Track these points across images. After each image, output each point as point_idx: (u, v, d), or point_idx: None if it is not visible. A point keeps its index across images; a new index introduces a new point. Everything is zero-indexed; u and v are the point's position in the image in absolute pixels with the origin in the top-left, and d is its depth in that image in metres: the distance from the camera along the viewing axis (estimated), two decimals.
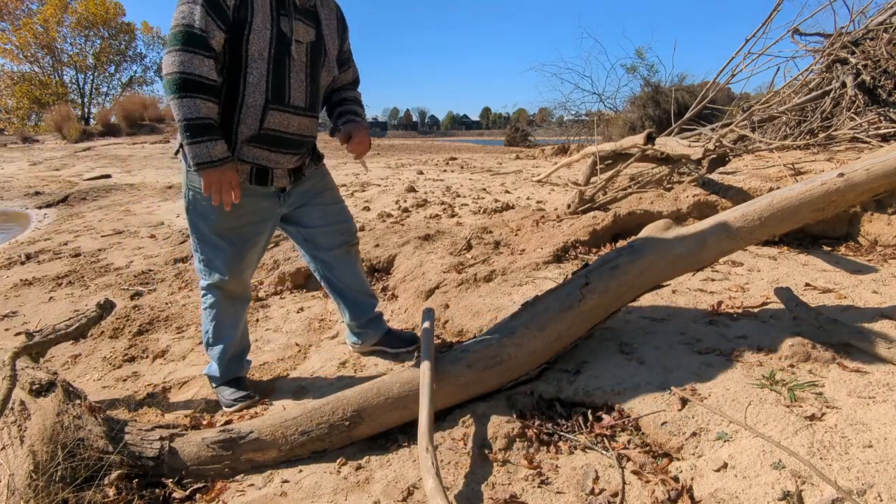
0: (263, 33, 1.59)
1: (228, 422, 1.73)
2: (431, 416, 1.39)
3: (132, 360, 2.39)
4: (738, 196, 3.25)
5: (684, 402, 1.44)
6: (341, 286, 2.08)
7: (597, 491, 1.25)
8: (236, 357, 1.96)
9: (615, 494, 1.23)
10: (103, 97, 23.52)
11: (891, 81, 4.07)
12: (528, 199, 5.20)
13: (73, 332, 2.06)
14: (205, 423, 1.76)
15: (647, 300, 2.11)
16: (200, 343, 2.45)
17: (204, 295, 1.88)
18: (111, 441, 1.41)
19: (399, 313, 2.65)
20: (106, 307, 2.24)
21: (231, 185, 1.58)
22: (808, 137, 4.31)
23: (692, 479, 1.23)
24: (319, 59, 1.76)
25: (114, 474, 1.35)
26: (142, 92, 23.39)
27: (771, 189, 3.17)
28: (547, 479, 1.31)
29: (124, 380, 2.20)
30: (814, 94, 4.55)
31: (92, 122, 20.10)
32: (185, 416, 1.83)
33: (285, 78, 1.67)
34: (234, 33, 1.56)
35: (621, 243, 3.04)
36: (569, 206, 4.05)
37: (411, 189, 5.95)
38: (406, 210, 4.84)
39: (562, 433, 1.47)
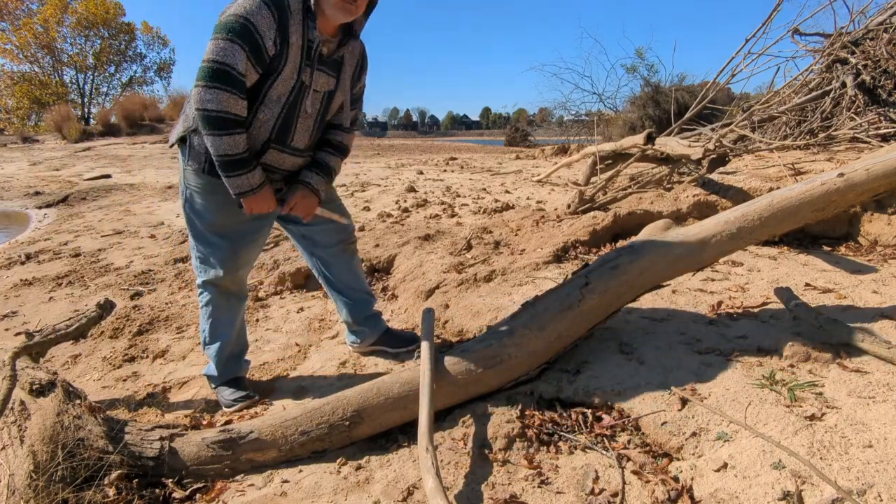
0: (289, 82, 1.61)
1: (228, 422, 1.73)
2: (431, 416, 1.39)
3: (132, 360, 2.39)
4: (738, 196, 3.25)
5: (684, 402, 1.44)
6: (339, 284, 2.09)
7: (597, 491, 1.25)
8: (234, 356, 1.96)
9: (615, 494, 1.23)
10: (103, 97, 23.54)
11: (891, 81, 4.07)
12: (528, 199, 5.20)
13: (73, 332, 2.06)
14: (205, 423, 1.76)
15: (647, 300, 2.11)
16: (200, 343, 2.45)
17: (200, 293, 1.89)
18: (111, 441, 1.41)
19: (399, 313, 2.65)
20: (106, 307, 2.24)
21: (269, 205, 1.69)
22: (808, 137, 4.31)
23: (692, 479, 1.23)
24: (331, 105, 1.78)
25: (114, 474, 1.35)
26: (142, 92, 23.40)
27: (771, 189, 3.17)
28: (547, 479, 1.31)
29: (124, 380, 2.20)
30: (814, 94, 4.55)
31: (92, 122, 20.10)
32: (185, 416, 1.83)
33: (293, 122, 1.69)
34: (262, 76, 1.58)
35: (621, 243, 3.04)
36: (569, 206, 4.05)
37: (411, 189, 5.95)
38: (406, 210, 4.84)
39: (562, 433, 1.47)
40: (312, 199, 1.80)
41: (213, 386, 1.95)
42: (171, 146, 1.76)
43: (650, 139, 4.01)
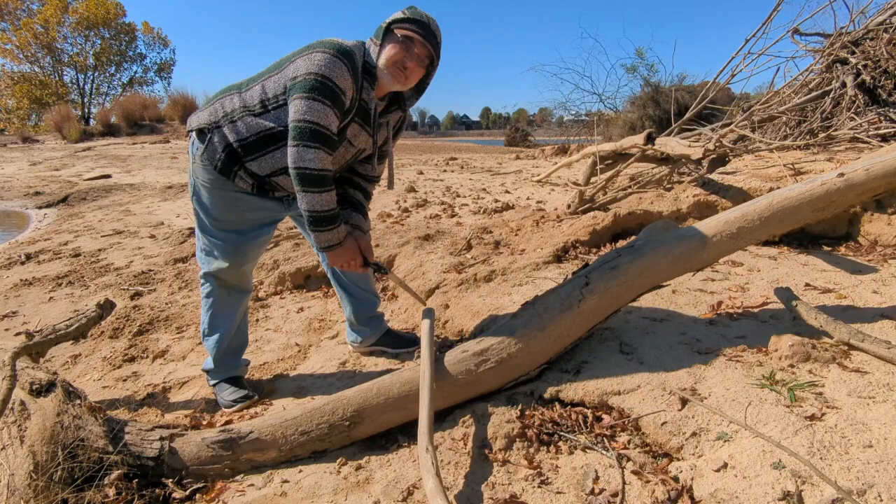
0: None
1: (228, 422, 1.72)
2: (431, 416, 1.39)
3: (132, 360, 2.40)
4: (738, 196, 3.25)
5: (684, 402, 1.44)
6: (345, 281, 2.11)
7: (597, 491, 1.25)
8: (232, 351, 1.96)
9: (615, 494, 1.23)
10: (103, 97, 23.52)
11: (891, 81, 4.07)
12: (528, 199, 5.20)
13: (73, 332, 2.06)
14: (205, 423, 1.76)
15: (647, 300, 2.11)
16: (201, 343, 2.45)
17: (202, 284, 1.91)
18: (111, 441, 1.41)
19: (399, 313, 2.65)
20: (106, 307, 2.24)
21: (353, 256, 1.74)
22: (808, 137, 4.31)
23: (692, 479, 1.23)
24: (359, 155, 1.82)
25: (114, 474, 1.35)
26: (142, 92, 23.39)
27: (771, 189, 3.17)
28: (547, 479, 1.31)
29: (124, 380, 2.20)
30: (814, 94, 4.55)
31: (92, 122, 20.09)
32: (185, 416, 1.83)
33: None
34: None
35: (621, 243, 3.04)
36: (569, 206, 4.05)
37: (411, 189, 5.95)
38: (406, 210, 4.84)
39: (562, 433, 1.47)
40: (369, 240, 1.90)
41: (211, 381, 1.95)
42: (189, 131, 1.76)
43: (650, 139, 4.01)
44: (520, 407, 1.55)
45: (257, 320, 2.72)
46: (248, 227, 1.81)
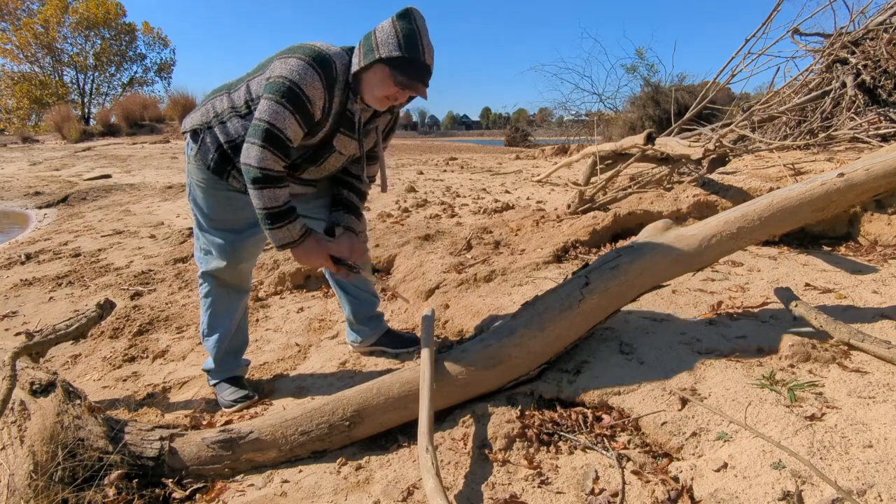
0: (317, 141, 1.66)
1: (228, 422, 1.72)
2: (431, 416, 1.39)
3: (132, 360, 2.39)
4: (738, 196, 3.25)
5: (684, 402, 1.44)
6: (345, 281, 2.10)
7: (597, 491, 1.25)
8: (232, 351, 1.96)
9: (615, 494, 1.23)
10: (103, 97, 23.55)
11: (891, 81, 4.07)
12: (528, 199, 5.20)
13: (73, 332, 2.06)
14: (205, 423, 1.76)
15: (647, 300, 2.11)
16: (200, 343, 2.45)
17: (201, 283, 1.91)
18: (111, 441, 1.41)
19: (399, 313, 2.65)
20: (106, 307, 2.23)
21: (317, 256, 1.68)
22: (808, 137, 4.31)
23: (692, 479, 1.23)
24: (349, 159, 1.82)
25: (114, 474, 1.35)
26: (142, 92, 23.40)
27: (771, 189, 3.17)
28: (547, 479, 1.31)
29: (124, 380, 2.20)
30: (814, 94, 4.55)
31: (92, 122, 20.10)
32: (185, 416, 1.82)
33: (307, 168, 1.73)
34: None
35: (621, 243, 3.04)
36: (569, 206, 4.06)
37: (411, 189, 5.96)
38: (406, 210, 4.84)
39: (562, 433, 1.47)
40: (362, 244, 1.87)
41: (211, 381, 1.95)
42: (184, 133, 1.78)
43: (650, 139, 4.01)
44: (520, 407, 1.55)
45: (257, 320, 2.72)
46: (244, 226, 1.82)
